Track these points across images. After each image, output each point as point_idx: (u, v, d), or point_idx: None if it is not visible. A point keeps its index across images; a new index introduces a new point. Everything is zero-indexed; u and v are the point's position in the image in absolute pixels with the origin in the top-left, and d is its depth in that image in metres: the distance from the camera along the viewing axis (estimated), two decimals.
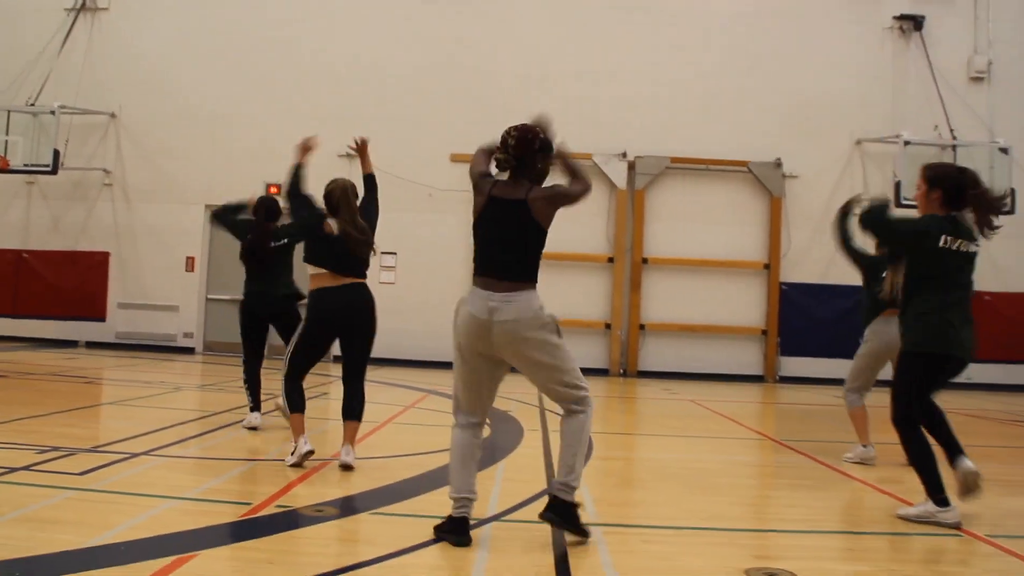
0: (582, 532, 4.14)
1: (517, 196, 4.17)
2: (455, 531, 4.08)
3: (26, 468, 5.27)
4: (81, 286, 17.69)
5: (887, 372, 6.37)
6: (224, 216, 7.91)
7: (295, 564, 3.70)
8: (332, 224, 5.96)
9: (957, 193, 5.13)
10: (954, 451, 5.02)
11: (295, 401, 5.91)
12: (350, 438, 5.85)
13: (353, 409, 5.92)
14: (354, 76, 17.25)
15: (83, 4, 17.93)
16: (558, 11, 17.40)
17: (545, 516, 4.14)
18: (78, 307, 17.74)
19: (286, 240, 7.51)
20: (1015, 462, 7.80)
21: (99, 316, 17.74)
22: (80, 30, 17.89)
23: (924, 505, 4.95)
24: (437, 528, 4.16)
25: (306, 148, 6.80)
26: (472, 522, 4.19)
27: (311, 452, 5.75)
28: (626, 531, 4.44)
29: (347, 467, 5.70)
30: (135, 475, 5.33)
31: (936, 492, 4.88)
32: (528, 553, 4.00)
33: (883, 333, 6.82)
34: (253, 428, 7.31)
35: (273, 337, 7.51)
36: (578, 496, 4.13)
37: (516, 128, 4.29)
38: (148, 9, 17.75)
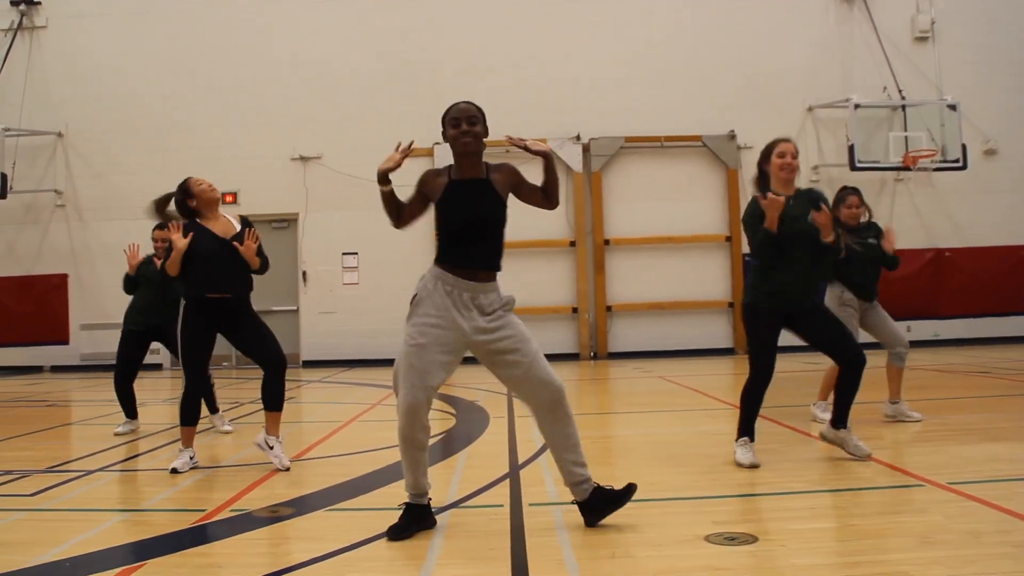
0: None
1: None
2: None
3: None
4: (41, 310, 17.37)
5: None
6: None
7: (244, 565, 3.61)
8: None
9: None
10: None
11: None
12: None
13: None
14: (303, 78, 17.10)
15: (20, 24, 17.62)
16: None
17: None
18: (39, 332, 17.43)
19: None
20: (978, 411, 7.84)
21: (62, 339, 17.46)
22: (19, 50, 17.58)
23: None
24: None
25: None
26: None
27: None
28: None
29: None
30: (88, 492, 5.23)
31: None
32: (485, 537, 3.96)
33: None
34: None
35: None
36: (536, 478, 4.05)
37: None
38: (88, 24, 17.46)
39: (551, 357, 4.23)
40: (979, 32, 17.56)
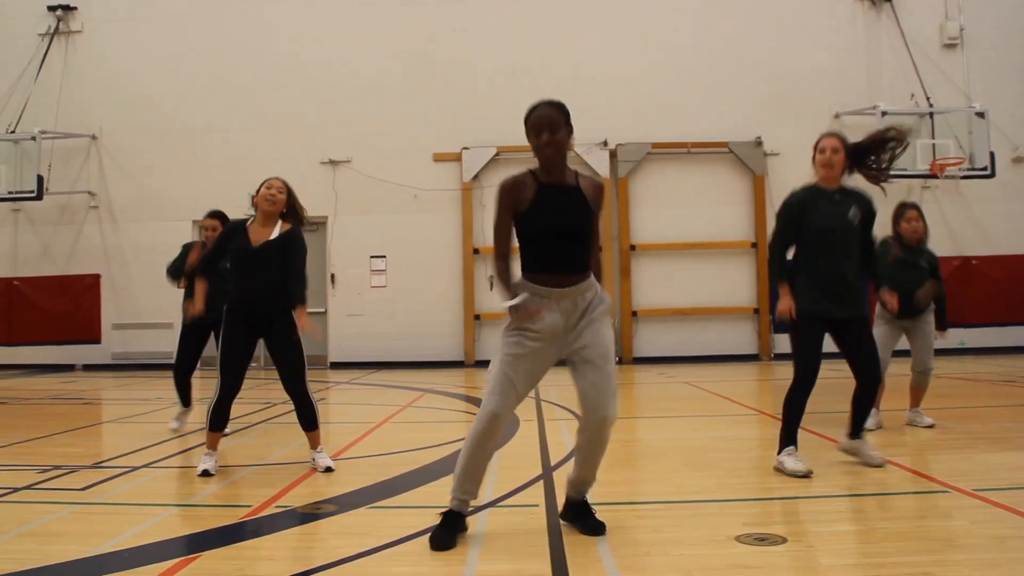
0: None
1: None
2: None
3: (28, 487, 5.36)
4: (74, 310, 17.70)
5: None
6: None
7: (295, 559, 3.80)
8: None
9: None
10: None
11: None
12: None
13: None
14: (331, 81, 17.31)
15: (57, 28, 17.96)
16: (530, 1, 17.46)
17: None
18: (72, 331, 17.75)
19: None
20: (1003, 420, 7.91)
21: (94, 338, 17.77)
22: (55, 54, 17.93)
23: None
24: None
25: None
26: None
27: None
28: (617, 508, 4.53)
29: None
30: (137, 487, 5.42)
31: None
32: (524, 535, 4.10)
33: None
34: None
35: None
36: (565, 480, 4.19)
37: None
38: (122, 29, 17.78)
39: None
40: (1008, 40, 17.53)
